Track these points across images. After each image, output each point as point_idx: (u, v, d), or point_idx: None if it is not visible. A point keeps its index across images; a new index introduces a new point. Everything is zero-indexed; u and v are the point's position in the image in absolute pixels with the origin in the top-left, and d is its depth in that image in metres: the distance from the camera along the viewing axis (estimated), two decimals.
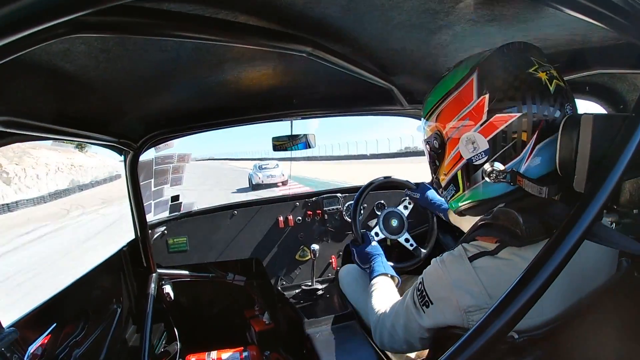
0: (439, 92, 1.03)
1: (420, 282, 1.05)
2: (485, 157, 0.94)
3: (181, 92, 1.51)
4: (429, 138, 1.08)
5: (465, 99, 0.95)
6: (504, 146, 0.91)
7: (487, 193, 0.99)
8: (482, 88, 0.92)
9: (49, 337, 1.29)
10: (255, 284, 2.66)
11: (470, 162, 0.98)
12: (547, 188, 0.86)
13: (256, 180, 21.89)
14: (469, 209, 1.06)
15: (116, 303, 1.87)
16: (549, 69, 0.91)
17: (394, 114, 2.26)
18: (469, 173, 1.00)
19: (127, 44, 0.97)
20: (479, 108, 0.93)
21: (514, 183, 0.91)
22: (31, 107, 1.10)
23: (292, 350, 2.17)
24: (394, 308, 1.18)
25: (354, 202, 1.98)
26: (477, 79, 0.94)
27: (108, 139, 1.64)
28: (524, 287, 0.70)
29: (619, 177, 0.68)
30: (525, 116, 0.88)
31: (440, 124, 1.03)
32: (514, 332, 0.82)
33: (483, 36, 1.08)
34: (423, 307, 1.02)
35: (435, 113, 1.05)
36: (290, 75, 1.55)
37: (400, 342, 1.13)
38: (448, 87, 1.00)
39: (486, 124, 0.92)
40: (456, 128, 0.98)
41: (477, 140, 0.94)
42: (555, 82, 0.90)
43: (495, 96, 0.90)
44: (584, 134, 0.77)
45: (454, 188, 1.06)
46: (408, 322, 1.08)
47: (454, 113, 0.98)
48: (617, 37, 0.94)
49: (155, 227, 2.32)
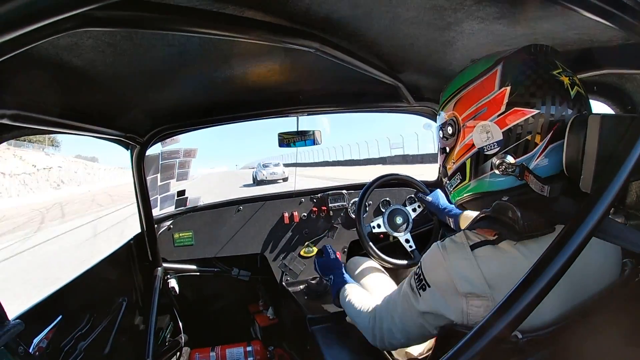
0: (459, 82, 1.04)
1: (419, 266, 1.05)
2: (497, 148, 0.94)
3: (188, 87, 1.52)
4: (443, 124, 1.08)
5: (487, 88, 0.95)
6: (518, 140, 0.91)
7: (492, 185, 0.99)
8: (505, 80, 0.93)
9: (54, 329, 1.31)
10: (260, 279, 2.67)
11: (481, 151, 0.97)
12: (550, 187, 0.86)
13: (260, 176, 24.65)
14: (470, 201, 1.07)
15: (122, 296, 1.89)
16: (571, 75, 0.91)
17: (401, 111, 2.25)
18: (478, 163, 0.99)
19: (134, 38, 0.97)
20: (499, 99, 0.93)
21: (521, 178, 0.91)
22: (38, 100, 1.11)
23: (295, 345, 2.18)
24: (389, 300, 1.18)
25: (364, 189, 1.96)
26: (502, 70, 0.94)
27: (115, 133, 1.65)
28: (529, 285, 0.70)
29: (626, 178, 0.68)
30: (543, 115, 0.88)
31: (457, 111, 1.03)
32: (517, 332, 0.81)
33: (491, 34, 1.07)
34: (420, 290, 1.02)
35: (453, 101, 1.05)
36: (297, 71, 1.55)
37: (399, 334, 1.12)
38: (469, 77, 1.01)
39: (503, 116, 0.92)
40: (473, 115, 0.98)
41: (492, 130, 0.94)
42: (577, 89, 0.90)
43: (517, 90, 0.91)
44: (592, 133, 0.76)
45: (459, 177, 1.06)
46: (406, 309, 1.08)
47: (474, 101, 0.98)
48: (626, 36, 0.93)
49: (161, 222, 2.33)
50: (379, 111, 2.29)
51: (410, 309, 1.06)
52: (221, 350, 2.16)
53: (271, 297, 2.67)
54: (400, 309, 1.10)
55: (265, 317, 2.59)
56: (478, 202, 1.04)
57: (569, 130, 0.83)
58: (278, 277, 2.38)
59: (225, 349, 2.17)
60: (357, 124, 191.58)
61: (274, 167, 25.20)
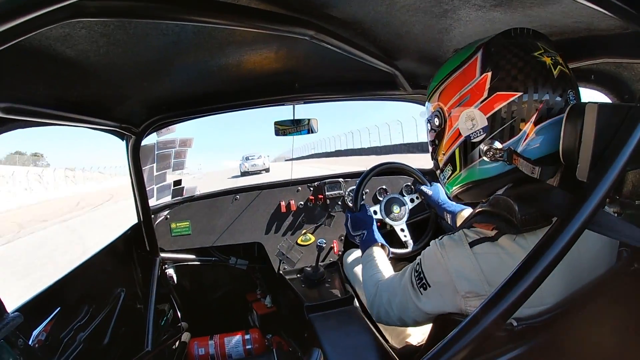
0: (443, 72, 1.04)
1: (418, 263, 1.07)
2: (484, 135, 0.94)
3: (183, 76, 1.50)
4: (430, 116, 1.09)
5: (468, 76, 0.95)
6: (503, 125, 0.91)
7: (483, 173, 0.99)
8: (485, 65, 0.93)
9: (53, 321, 1.31)
10: (257, 268, 2.69)
11: (468, 139, 0.98)
12: (541, 168, 0.86)
13: (243, 168, 27.96)
14: (464, 191, 1.07)
15: (120, 287, 1.90)
16: (554, 55, 0.91)
17: (398, 99, 2.24)
18: (467, 151, 1.00)
19: (127, 28, 0.96)
20: (481, 85, 0.93)
21: (510, 162, 0.91)
22: (32, 93, 1.10)
23: (293, 333, 2.20)
24: (391, 283, 1.20)
25: (362, 177, 1.95)
26: (482, 56, 0.94)
27: (110, 123, 1.64)
28: (524, 274, 0.71)
29: (622, 167, 0.68)
30: (526, 97, 0.88)
31: (442, 101, 1.03)
32: (513, 320, 0.82)
33: (488, 21, 1.06)
34: (420, 289, 1.03)
35: (438, 91, 1.05)
36: (293, 59, 1.53)
37: (394, 318, 1.16)
38: (452, 66, 1.01)
39: (486, 101, 0.92)
40: (457, 105, 0.98)
41: (476, 117, 0.94)
42: (560, 68, 0.90)
43: (498, 74, 0.90)
44: (588, 122, 0.76)
45: (450, 168, 1.06)
46: (404, 301, 1.10)
47: (456, 90, 0.98)
48: (624, 25, 0.93)
49: (158, 212, 2.33)
50: (376, 99, 2.28)
51: (410, 303, 1.08)
52: (220, 338, 2.18)
53: (269, 286, 2.69)
54: (399, 299, 1.12)
55: (262, 305, 2.60)
56: (472, 191, 1.05)
57: (565, 118, 0.83)
58: (275, 266, 2.39)
59: (223, 337, 2.18)
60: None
61: (256, 160, 28.20)
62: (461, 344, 0.73)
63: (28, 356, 1.01)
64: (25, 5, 0.54)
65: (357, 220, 1.69)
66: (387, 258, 1.49)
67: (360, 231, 1.64)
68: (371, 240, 1.56)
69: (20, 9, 0.54)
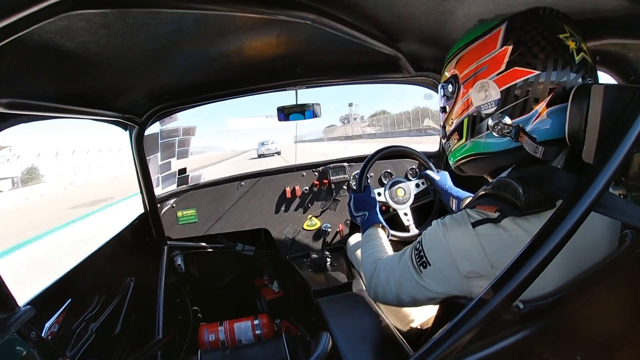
0: (463, 40, 1.03)
1: (419, 242, 1.06)
2: (495, 108, 0.94)
3: (184, 64, 1.49)
4: (444, 82, 1.08)
5: (489, 46, 0.95)
6: (516, 101, 0.91)
7: (487, 147, 0.99)
8: (507, 38, 0.92)
9: (64, 313, 1.34)
10: (264, 254, 2.71)
11: (478, 110, 0.97)
12: (544, 148, 0.86)
13: (260, 152, 35.31)
14: (467, 162, 1.07)
15: (129, 276, 1.92)
16: (579, 41, 0.90)
17: (401, 82, 2.22)
18: (475, 122, 0.99)
19: (127, 18, 0.94)
20: (500, 57, 0.92)
21: (516, 139, 0.91)
22: (33, 87, 1.09)
23: (301, 317, 2.23)
24: (390, 262, 1.20)
25: (366, 161, 1.92)
26: (505, 29, 0.93)
27: (112, 114, 1.64)
28: (530, 256, 0.71)
29: (629, 149, 0.67)
30: (543, 76, 0.87)
31: (458, 69, 1.03)
32: (519, 302, 0.83)
33: (491, 2, 1.04)
34: (420, 267, 1.03)
35: (455, 58, 1.04)
36: (294, 44, 1.52)
37: (392, 296, 1.15)
38: (474, 35, 1.00)
39: (503, 74, 0.91)
40: (472, 73, 0.97)
41: (490, 88, 0.94)
42: (582, 55, 0.89)
43: (519, 49, 0.90)
44: (594, 104, 0.75)
45: (457, 137, 1.06)
46: (402, 280, 1.10)
47: (474, 59, 0.97)
48: (630, 6, 0.90)
49: (164, 201, 2.34)
50: (379, 82, 2.26)
51: (408, 279, 1.07)
52: (229, 324, 2.20)
53: (276, 271, 2.72)
54: (397, 277, 1.12)
55: (270, 290, 2.64)
56: (474, 164, 1.05)
57: (571, 100, 0.82)
58: (282, 251, 2.41)
59: (233, 323, 2.21)
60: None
61: (270, 145, 35.20)
62: (468, 325, 0.74)
63: (41, 348, 1.03)
64: (24, 0, 0.54)
65: (359, 200, 1.68)
66: (387, 238, 1.49)
67: (362, 212, 1.63)
68: (372, 221, 1.56)
69: (19, 4, 0.54)
